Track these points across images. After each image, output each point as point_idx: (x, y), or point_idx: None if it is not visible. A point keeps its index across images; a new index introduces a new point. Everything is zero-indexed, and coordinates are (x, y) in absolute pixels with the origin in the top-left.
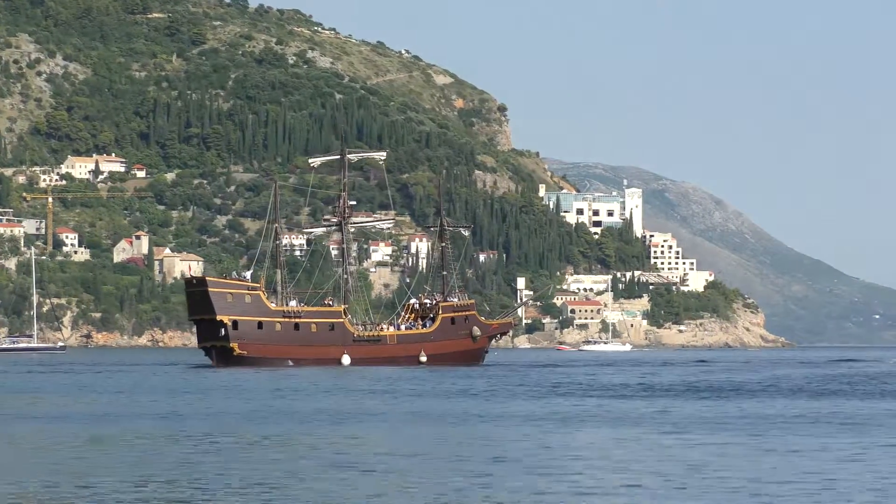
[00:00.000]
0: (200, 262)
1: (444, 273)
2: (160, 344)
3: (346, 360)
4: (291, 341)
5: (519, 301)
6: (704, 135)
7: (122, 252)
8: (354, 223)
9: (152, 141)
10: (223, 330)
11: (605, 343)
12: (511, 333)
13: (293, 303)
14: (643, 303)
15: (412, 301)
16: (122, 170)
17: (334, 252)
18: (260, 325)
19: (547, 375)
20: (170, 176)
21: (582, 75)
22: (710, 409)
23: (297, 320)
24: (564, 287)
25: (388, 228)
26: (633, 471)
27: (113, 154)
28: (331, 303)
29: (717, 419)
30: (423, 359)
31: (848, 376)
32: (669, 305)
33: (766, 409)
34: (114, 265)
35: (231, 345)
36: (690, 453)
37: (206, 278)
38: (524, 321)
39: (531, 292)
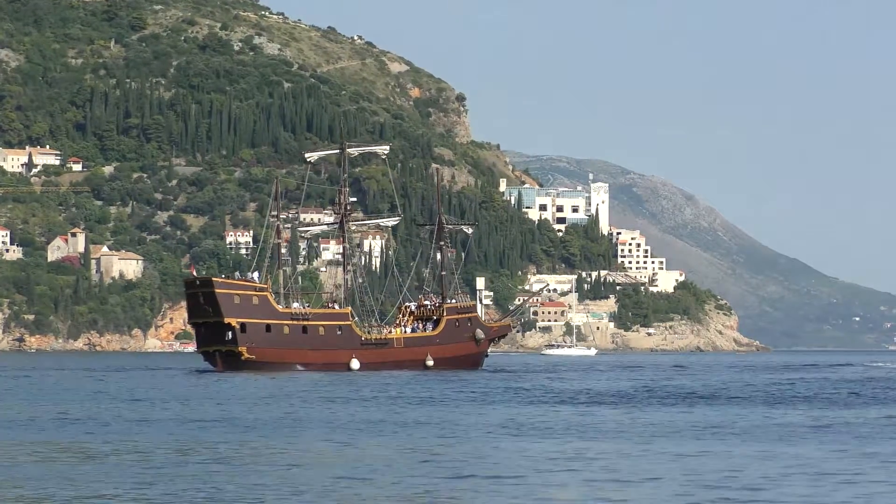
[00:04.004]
0: (140, 262)
1: (444, 274)
2: (97, 348)
3: (354, 364)
4: (300, 345)
5: (517, 302)
6: (674, 127)
7: (56, 250)
8: (357, 222)
9: (89, 132)
10: (230, 333)
11: (570, 347)
12: None
13: (296, 304)
14: (610, 304)
15: (408, 303)
16: (57, 163)
17: (284, 250)
18: (268, 328)
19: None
20: (108, 169)
21: (545, 64)
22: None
23: (305, 323)
24: (526, 287)
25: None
26: None
27: (47, 146)
28: (335, 305)
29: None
30: (430, 363)
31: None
32: (637, 307)
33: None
34: (48, 264)
35: (239, 349)
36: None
37: (213, 279)
38: None
39: (491, 293)
